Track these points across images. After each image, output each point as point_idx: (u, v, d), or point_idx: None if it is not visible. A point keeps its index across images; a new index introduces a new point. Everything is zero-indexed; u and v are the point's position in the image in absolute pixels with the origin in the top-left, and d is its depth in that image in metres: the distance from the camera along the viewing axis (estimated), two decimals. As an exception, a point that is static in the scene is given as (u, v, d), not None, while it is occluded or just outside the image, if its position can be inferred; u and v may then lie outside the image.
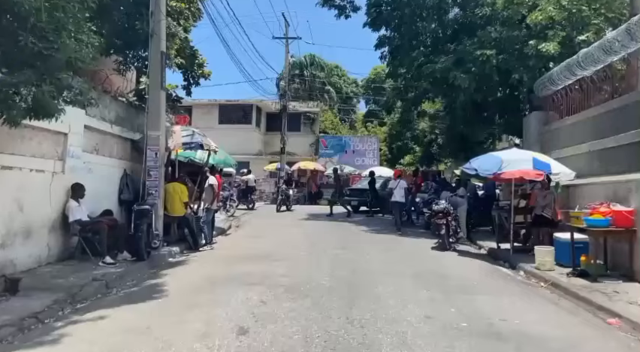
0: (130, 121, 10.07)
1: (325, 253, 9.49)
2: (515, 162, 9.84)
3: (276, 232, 12.94)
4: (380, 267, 8.19)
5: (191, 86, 17.09)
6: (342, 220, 16.34)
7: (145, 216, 8.41)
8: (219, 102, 33.00)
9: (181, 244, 10.34)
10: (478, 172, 10.24)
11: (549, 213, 9.96)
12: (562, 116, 11.89)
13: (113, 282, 6.95)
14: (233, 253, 9.75)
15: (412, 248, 10.95)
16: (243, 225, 15.53)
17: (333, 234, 12.67)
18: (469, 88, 13.18)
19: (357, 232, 13.40)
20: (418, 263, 8.87)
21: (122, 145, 9.93)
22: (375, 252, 9.93)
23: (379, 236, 12.69)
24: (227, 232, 13.70)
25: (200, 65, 16.72)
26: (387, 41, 16.16)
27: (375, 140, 34.80)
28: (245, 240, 11.70)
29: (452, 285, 7.13)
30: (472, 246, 12.29)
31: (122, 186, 9.78)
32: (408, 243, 11.78)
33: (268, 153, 33.22)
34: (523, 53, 12.60)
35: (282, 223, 15.29)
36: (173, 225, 10.27)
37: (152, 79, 9.84)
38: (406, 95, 15.34)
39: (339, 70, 52.93)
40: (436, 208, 10.95)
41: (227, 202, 18.44)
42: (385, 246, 10.90)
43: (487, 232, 14.53)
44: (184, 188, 9.99)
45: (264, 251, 9.70)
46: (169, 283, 6.85)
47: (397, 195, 14.30)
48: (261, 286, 6.54)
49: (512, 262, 9.60)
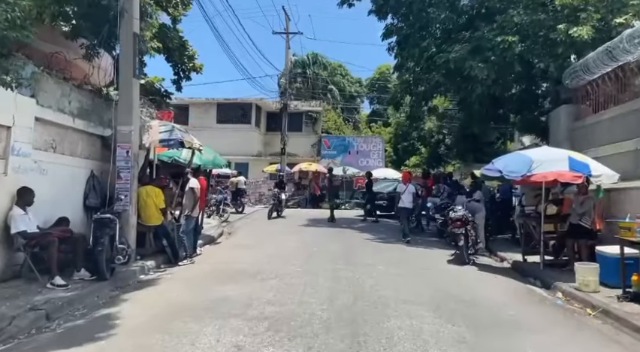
0: (98, 114, 8.66)
1: (323, 270, 8.04)
2: (548, 162, 8.37)
3: (270, 241, 11.50)
4: (390, 290, 6.73)
5: (181, 81, 15.82)
6: (346, 226, 14.88)
7: (107, 227, 6.99)
8: (217, 101, 31.67)
9: (159, 256, 8.93)
10: (503, 174, 8.78)
11: (588, 222, 8.49)
12: (595, 110, 10.42)
13: (56, 311, 5.54)
14: (216, 268, 8.31)
15: (426, 261, 9.49)
16: (236, 232, 14.11)
17: (333, 243, 11.22)
18: (487, 79, 11.72)
19: (361, 241, 11.93)
20: (435, 283, 7.40)
21: (88, 142, 8.52)
22: (383, 267, 8.47)
23: (386, 246, 11.22)
24: (217, 241, 12.28)
25: (191, 57, 15.40)
26: (394, 31, 14.70)
27: (380, 140, 33.32)
28: (233, 251, 10.26)
29: (483, 316, 5.66)
30: (493, 258, 10.82)
31: (87, 190, 8.36)
32: (419, 255, 10.32)
33: (268, 153, 31.84)
34: (549, 39, 11.12)
35: (278, 229, 13.86)
36: (148, 235, 8.86)
37: (122, 65, 8.45)
38: (415, 89, 13.87)
39: (342, 69, 51.59)
40: (453, 216, 9.49)
41: (220, 206, 17.07)
42: (394, 259, 9.44)
43: (505, 240, 13.08)
44: (159, 192, 8.57)
45: (252, 266, 8.26)
46: (125, 314, 5.42)
47: (405, 201, 12.85)
48: (239, 320, 5.10)
49: (545, 280, 8.14)
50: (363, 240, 12.02)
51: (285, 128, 27.68)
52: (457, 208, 10.29)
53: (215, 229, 13.99)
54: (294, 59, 45.47)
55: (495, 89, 12.19)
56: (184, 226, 8.92)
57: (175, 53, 14.70)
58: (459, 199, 11.78)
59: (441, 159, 34.18)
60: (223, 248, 10.86)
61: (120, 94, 8.40)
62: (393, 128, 41.26)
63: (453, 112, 27.94)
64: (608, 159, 8.98)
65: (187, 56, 15.07)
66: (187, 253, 8.79)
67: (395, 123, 39.54)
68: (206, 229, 13.43)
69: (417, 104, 14.70)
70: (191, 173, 9.26)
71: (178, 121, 32.81)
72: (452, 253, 10.23)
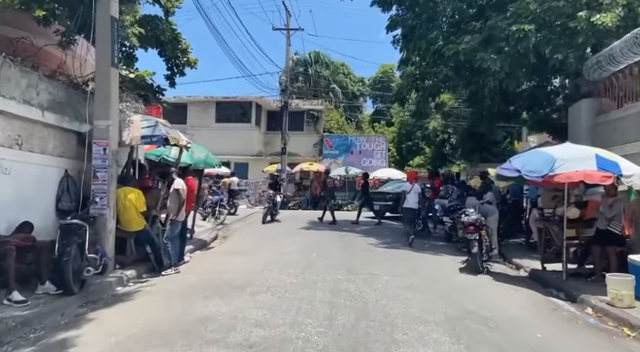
0: (74, 108, 7.83)
1: (322, 280, 7.19)
2: (572, 161, 7.49)
3: (267, 247, 10.65)
4: (398, 306, 5.88)
5: (175, 76, 14.99)
6: (348, 229, 14.02)
7: (74, 234, 6.16)
8: (216, 99, 30.89)
9: (141, 265, 8.10)
10: (522, 174, 7.89)
11: (618, 228, 7.62)
12: (620, 104, 9.54)
13: (8, 334, 4.74)
14: (202, 278, 7.47)
15: (435, 270, 8.62)
16: (231, 235, 13.28)
17: (334, 249, 10.37)
18: (500, 72, 10.83)
19: (364, 246, 11.07)
20: (449, 297, 6.53)
21: (62, 139, 7.69)
22: (389, 277, 7.61)
23: (391, 252, 10.36)
24: (210, 246, 11.45)
25: (184, 50, 14.57)
26: (399, 22, 13.82)
27: (383, 139, 32.44)
28: (225, 257, 9.42)
29: (508, 341, 4.80)
30: (508, 265, 9.95)
31: (60, 192, 7.54)
32: (428, 262, 9.45)
33: (269, 153, 31.04)
34: (568, 28, 10.25)
35: (275, 233, 13.00)
36: (129, 241, 8.02)
37: (99, 52, 7.62)
38: (422, 84, 12.98)
39: (345, 68, 50.81)
40: (465, 220, 8.61)
41: (216, 208, 16.23)
42: (401, 267, 8.58)
43: (519, 245, 12.22)
44: (139, 194, 7.73)
45: (243, 276, 7.42)
46: (84, 340, 4.58)
47: (411, 201, 12.00)
48: (218, 348, 4.26)
49: (569, 292, 7.28)
50: (366, 245, 11.16)
51: (285, 127, 26.85)
52: (468, 211, 9.41)
53: (209, 232, 13.16)
54: (295, 57, 44.70)
55: (508, 83, 11.30)
56: (168, 231, 8.08)
57: (168, 46, 13.91)
58: (469, 201, 10.91)
59: (446, 158, 33.31)
60: (214, 254, 10.02)
61: (97, 85, 7.58)
62: (396, 127, 40.37)
63: (459, 110, 27.08)
64: (637, 158, 8.11)
65: (180, 50, 14.27)
66: (171, 262, 7.94)
67: (399, 122, 38.62)
68: (199, 232, 12.62)
69: (424, 99, 13.81)
70: (177, 173, 8.40)
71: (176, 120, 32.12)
72: (463, 260, 9.37)
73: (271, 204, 15.31)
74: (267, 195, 16.02)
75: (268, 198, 15.68)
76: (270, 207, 15.28)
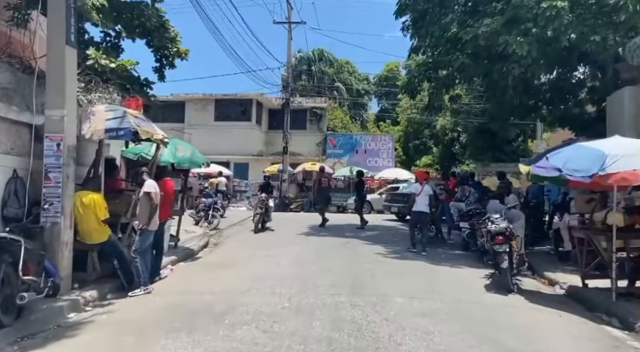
0: (24, 96, 6.55)
1: (321, 305, 5.85)
2: (628, 158, 6.12)
3: (259, 257, 9.32)
4: (417, 344, 4.53)
5: (164, 68, 13.72)
6: (352, 235, 12.67)
7: (4, 252, 4.84)
8: (215, 97, 29.65)
9: (106, 283, 6.82)
10: (564, 173, 6.52)
11: (684, 240, 6.24)
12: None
13: None
14: (175, 302, 6.15)
15: (458, 288, 7.25)
16: (223, 243, 11.97)
17: (336, 260, 9.02)
18: (526, 57, 9.44)
19: (371, 256, 9.71)
20: (480, 329, 5.17)
21: (9, 132, 6.40)
22: (403, 299, 6.25)
23: (403, 264, 9.00)
24: (198, 256, 10.14)
25: (173, 39, 13.28)
26: (409, 6, 12.46)
27: (389, 138, 31.06)
28: (210, 272, 8.09)
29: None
30: (539, 280, 8.56)
31: (6, 196, 6.24)
32: (447, 276, 8.08)
33: (270, 153, 29.75)
34: (607, 4, 8.86)
35: (271, 241, 11.67)
36: (91, 255, 6.72)
37: (51, 27, 6.32)
38: (435, 73, 11.60)
39: (349, 66, 49.54)
40: (493, 229, 7.23)
41: (209, 212, 14.92)
42: (416, 284, 7.22)
43: (545, 254, 10.87)
44: (99, 198, 6.43)
45: (224, 298, 6.10)
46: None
47: (421, 204, 10.66)
48: None
49: (624, 318, 5.92)
50: (373, 255, 9.79)
51: (287, 125, 25.52)
52: (493, 217, 8.03)
53: (199, 239, 11.86)
54: (298, 55, 43.40)
55: (535, 71, 9.90)
56: (137, 243, 6.75)
57: (154, 34, 12.65)
58: (492, 205, 9.52)
59: (455, 158, 31.87)
60: (199, 267, 8.68)
61: (48, 67, 6.28)
62: (403, 126, 38.93)
63: (470, 107, 25.66)
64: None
65: (168, 39, 13.00)
66: (141, 280, 6.62)
67: (405, 120, 37.17)
68: (187, 239, 11.35)
69: (437, 91, 12.42)
70: (147, 172, 7.06)
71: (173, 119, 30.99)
72: (487, 274, 8.03)
73: (263, 210, 13.08)
74: (259, 198, 13.58)
75: (260, 202, 13.27)
76: (261, 214, 13.04)
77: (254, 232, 12.70)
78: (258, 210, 13.19)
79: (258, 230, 12.78)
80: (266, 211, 13.15)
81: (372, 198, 20.47)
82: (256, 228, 12.82)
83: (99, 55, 10.61)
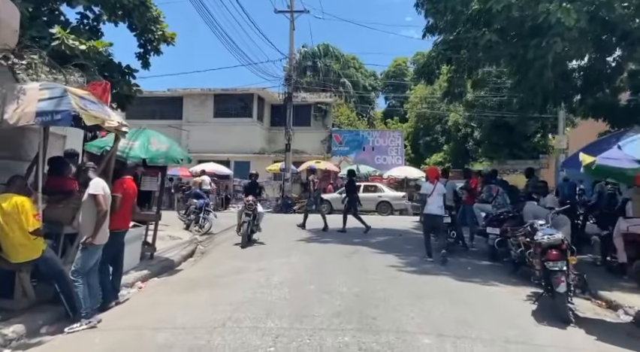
0: None
1: (319, 349, 4.23)
2: None
3: (248, 272, 7.71)
4: None
5: (148, 55, 12.27)
6: (359, 241, 11.05)
7: None
8: (214, 91, 28.18)
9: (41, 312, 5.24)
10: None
11: None
12: None
13: None
14: (119, 343, 4.55)
15: (497, 318, 5.56)
16: (212, 251, 10.40)
17: (340, 276, 7.38)
18: (572, 29, 7.74)
19: (383, 270, 8.06)
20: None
21: None
22: (431, 340, 4.60)
23: (423, 281, 7.34)
24: (177, 268, 8.57)
25: (156, 19, 11.83)
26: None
27: (398, 134, 29.36)
28: (180, 294, 6.46)
29: None
30: (593, 301, 6.87)
31: None
32: (481, 299, 6.40)
33: (272, 151, 28.22)
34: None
35: (266, 250, 10.03)
36: (19, 277, 5.13)
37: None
38: (457, 53, 9.89)
39: (355, 61, 47.95)
40: (544, 241, 5.55)
41: (200, 215, 13.35)
42: (443, 314, 5.57)
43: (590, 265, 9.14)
44: (23, 203, 4.82)
45: (187, 338, 4.49)
46: None
47: (433, 205, 9.06)
48: None
49: None
50: (385, 268, 8.14)
51: (289, 121, 23.93)
52: (538, 224, 6.38)
53: (184, 247, 10.29)
54: (303, 50, 41.79)
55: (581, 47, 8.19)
56: (77, 261, 5.14)
57: (134, 13, 11.17)
58: (530, 208, 7.87)
59: (468, 155, 30.10)
60: (172, 286, 7.06)
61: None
62: (412, 122, 37.18)
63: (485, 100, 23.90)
64: None
65: (150, 20, 11.50)
66: (83, 311, 5.02)
67: (415, 116, 35.41)
68: (169, 247, 9.82)
69: (458, 74, 10.72)
70: (93, 168, 5.46)
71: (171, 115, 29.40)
72: (530, 295, 6.40)
73: (250, 218, 10.32)
74: (245, 203, 10.70)
75: (246, 207, 10.47)
76: (249, 223, 10.32)
77: (241, 246, 10.07)
78: (244, 218, 10.32)
79: (245, 244, 10.15)
80: (254, 219, 10.44)
81: (332, 198, 18.72)
82: (243, 241, 10.20)
83: (66, 34, 9.11)
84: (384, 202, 19.99)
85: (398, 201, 20.55)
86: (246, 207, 10.44)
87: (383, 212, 19.81)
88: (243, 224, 10.27)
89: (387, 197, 20.17)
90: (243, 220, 10.32)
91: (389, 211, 20.00)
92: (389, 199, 20.22)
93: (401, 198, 20.72)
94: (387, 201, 20.06)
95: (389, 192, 20.69)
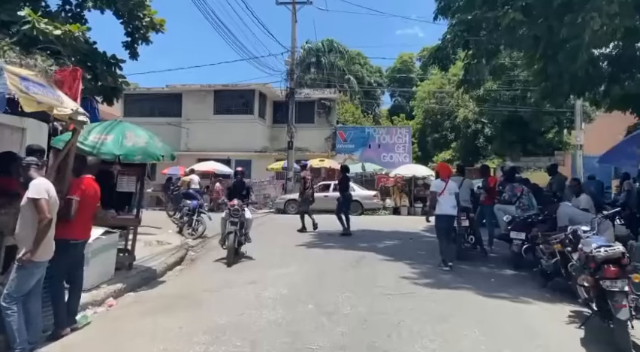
0: None
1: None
2: None
3: (236, 286, 6.66)
4: None
5: (136, 44, 11.31)
6: (366, 246, 9.98)
7: None
8: (214, 87, 27.16)
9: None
10: None
11: None
12: None
13: None
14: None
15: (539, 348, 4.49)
16: (201, 258, 9.38)
17: (344, 290, 6.30)
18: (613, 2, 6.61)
19: (394, 282, 6.97)
20: None
21: None
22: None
23: (441, 296, 6.24)
24: (160, 279, 7.55)
25: (141, 3, 10.83)
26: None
27: (406, 131, 28.18)
28: (152, 315, 5.39)
29: None
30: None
31: None
32: (512, 322, 5.28)
33: (275, 149, 27.16)
34: None
35: (259, 257, 8.96)
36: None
37: None
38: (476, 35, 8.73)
39: (360, 57, 46.83)
40: (601, 254, 4.42)
41: (193, 217, 12.33)
42: (469, 343, 4.49)
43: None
44: None
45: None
46: None
47: (445, 205, 7.99)
48: None
49: None
50: (397, 280, 7.05)
51: (292, 117, 22.87)
52: (581, 231, 5.27)
53: (171, 253, 9.27)
54: (307, 46, 40.70)
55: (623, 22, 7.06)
56: (12, 283, 4.09)
57: (118, 0, 10.24)
58: (566, 211, 6.76)
59: (478, 152, 28.82)
60: (142, 306, 5.96)
61: None
62: (419, 119, 35.92)
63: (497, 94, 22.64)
64: None
65: (136, 4, 10.51)
66: (17, 346, 3.98)
67: (422, 113, 34.19)
68: (154, 254, 8.83)
69: (477, 59, 9.56)
70: (36, 165, 4.42)
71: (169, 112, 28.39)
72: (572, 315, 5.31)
73: (237, 227, 8.42)
74: (231, 209, 8.61)
75: (232, 214, 8.51)
76: (235, 233, 8.36)
77: (226, 264, 8.13)
78: (229, 228, 8.39)
79: (232, 261, 8.19)
80: (241, 228, 8.56)
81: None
82: (229, 257, 8.23)
83: (37, 17, 8.12)
84: (355, 202, 17.40)
85: (369, 200, 19.43)
86: (231, 214, 8.46)
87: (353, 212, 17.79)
88: (229, 235, 8.34)
89: (358, 196, 18.37)
90: (228, 230, 8.39)
91: (360, 211, 18.69)
92: (359, 198, 18.70)
93: (372, 198, 19.60)
94: (357, 200, 18.19)
95: (359, 191, 19.22)
